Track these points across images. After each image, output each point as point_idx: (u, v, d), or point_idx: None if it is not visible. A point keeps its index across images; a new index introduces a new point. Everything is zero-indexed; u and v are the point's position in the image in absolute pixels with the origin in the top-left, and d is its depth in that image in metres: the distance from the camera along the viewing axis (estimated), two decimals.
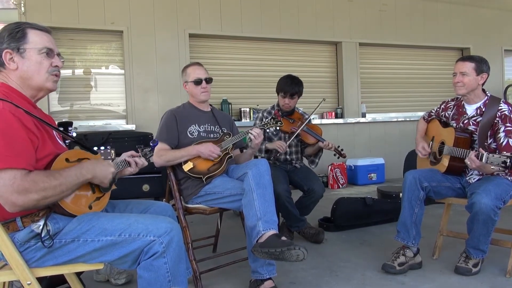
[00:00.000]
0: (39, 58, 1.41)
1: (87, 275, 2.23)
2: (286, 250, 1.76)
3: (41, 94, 1.48)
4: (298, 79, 3.09)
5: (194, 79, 2.40)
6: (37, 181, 1.25)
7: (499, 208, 2.09)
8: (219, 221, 2.74)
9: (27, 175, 1.24)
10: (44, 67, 1.42)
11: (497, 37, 6.97)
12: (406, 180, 2.38)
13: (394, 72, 6.44)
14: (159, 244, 1.35)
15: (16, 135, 1.25)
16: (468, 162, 2.13)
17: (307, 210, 2.99)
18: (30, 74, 1.41)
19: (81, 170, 1.38)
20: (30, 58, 1.40)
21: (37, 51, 1.41)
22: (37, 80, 1.42)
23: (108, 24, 4.71)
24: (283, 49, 5.74)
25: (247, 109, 5.36)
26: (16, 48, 1.38)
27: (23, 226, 1.33)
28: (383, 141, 6.18)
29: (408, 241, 2.35)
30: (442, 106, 2.66)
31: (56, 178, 1.29)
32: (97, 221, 1.39)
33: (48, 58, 1.44)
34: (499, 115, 2.29)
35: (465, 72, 2.35)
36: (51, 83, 1.46)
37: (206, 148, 2.25)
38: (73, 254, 1.37)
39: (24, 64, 1.40)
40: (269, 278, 2.05)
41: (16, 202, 1.23)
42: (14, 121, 1.26)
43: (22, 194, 1.22)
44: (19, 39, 1.39)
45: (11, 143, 1.23)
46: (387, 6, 6.22)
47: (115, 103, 4.92)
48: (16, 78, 1.41)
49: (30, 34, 1.41)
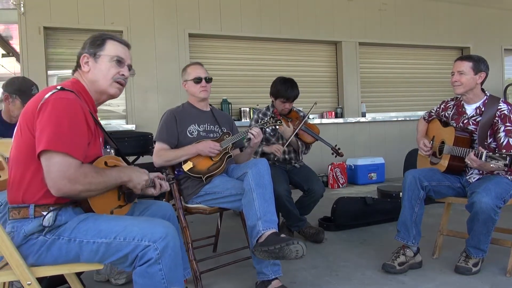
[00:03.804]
0: (109, 65, 1.54)
1: (87, 275, 2.23)
2: (285, 245, 1.76)
3: (103, 97, 1.60)
4: (294, 81, 3.07)
5: (194, 77, 2.40)
6: (87, 174, 1.34)
7: (499, 208, 2.09)
8: (219, 221, 2.74)
9: (80, 166, 1.34)
10: (111, 73, 1.54)
11: (497, 36, 6.97)
12: (406, 179, 2.38)
13: (394, 71, 6.44)
14: (154, 250, 1.33)
15: (80, 127, 1.37)
16: (468, 161, 2.14)
17: (307, 209, 2.99)
18: (98, 78, 1.54)
19: (120, 173, 1.48)
20: (101, 64, 1.54)
21: (109, 58, 1.54)
22: (101, 84, 1.54)
23: (108, 24, 4.71)
24: (283, 49, 5.73)
25: (247, 109, 5.36)
26: (93, 54, 1.54)
27: (34, 215, 1.35)
28: (383, 141, 6.18)
29: (408, 240, 2.35)
30: (442, 106, 2.66)
31: (101, 175, 1.39)
32: (94, 223, 1.39)
33: (117, 67, 1.56)
34: (499, 114, 2.29)
35: (462, 71, 2.35)
36: (114, 89, 1.57)
37: (206, 146, 2.25)
38: (70, 254, 1.37)
39: (95, 68, 1.54)
40: (275, 278, 2.04)
41: (63, 188, 1.30)
42: (81, 114, 1.38)
43: (71, 183, 1.30)
44: (97, 46, 1.54)
45: (75, 133, 1.34)
46: (387, 6, 6.22)
47: (115, 103, 4.92)
48: (87, 79, 1.55)
49: (108, 43, 1.56)
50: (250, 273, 2.29)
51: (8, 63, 7.39)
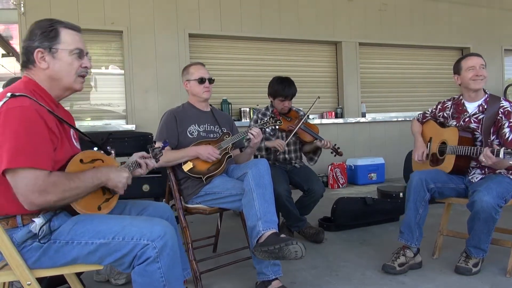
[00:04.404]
0: (70, 60, 1.41)
1: (87, 275, 2.23)
2: (284, 246, 1.76)
3: (67, 93, 1.49)
4: (290, 79, 3.10)
5: (197, 77, 2.41)
6: (58, 183, 1.27)
7: (500, 207, 2.09)
8: (219, 221, 2.74)
9: (48, 176, 1.26)
10: (74, 68, 1.43)
11: (497, 36, 6.96)
12: (412, 181, 2.34)
13: (394, 71, 6.44)
14: (152, 249, 1.33)
15: (40, 134, 1.26)
16: (483, 159, 2.09)
17: (307, 210, 2.99)
18: (60, 75, 1.41)
19: (97, 174, 1.40)
20: (62, 59, 1.40)
21: (68, 52, 1.41)
22: (66, 81, 1.43)
23: (108, 24, 4.71)
24: (283, 49, 5.73)
25: (247, 109, 5.36)
26: (48, 48, 1.38)
27: (23, 223, 1.32)
28: (383, 141, 6.18)
29: (411, 242, 2.34)
30: (439, 106, 2.65)
31: (74, 181, 1.31)
32: (91, 223, 1.37)
33: (79, 59, 1.44)
34: (502, 111, 2.30)
35: (484, 65, 2.38)
36: (79, 84, 1.47)
37: (205, 151, 2.25)
38: (69, 256, 1.36)
39: (55, 64, 1.40)
40: (276, 278, 2.04)
41: (35, 201, 1.25)
42: (38, 120, 1.26)
43: (42, 195, 1.24)
44: (52, 38, 1.38)
45: (35, 142, 1.24)
46: (387, 6, 6.21)
47: (115, 103, 4.92)
48: (44, 77, 1.41)
49: (63, 33, 1.41)
50: (250, 273, 2.29)
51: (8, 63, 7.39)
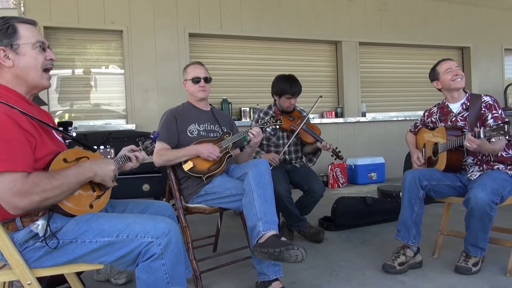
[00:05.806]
0: (34, 54, 1.37)
1: (87, 275, 2.23)
2: (285, 250, 1.76)
3: (35, 91, 1.45)
4: (294, 76, 3.09)
5: (192, 77, 2.41)
6: (38, 182, 1.24)
7: (495, 203, 2.09)
8: (219, 221, 2.74)
9: (27, 177, 1.23)
10: (39, 62, 1.39)
11: (497, 36, 6.96)
12: (406, 179, 2.38)
13: (394, 71, 6.44)
14: (157, 246, 1.34)
15: (12, 137, 1.23)
16: (467, 143, 2.11)
17: (307, 209, 2.99)
18: (27, 71, 1.37)
19: (80, 169, 1.37)
20: (25, 54, 1.36)
21: (31, 46, 1.37)
22: (33, 77, 1.39)
23: (108, 24, 4.71)
24: (283, 49, 5.73)
25: (247, 109, 5.36)
26: (9, 45, 1.34)
27: (23, 226, 1.32)
28: (383, 141, 6.18)
29: (408, 240, 2.35)
30: (426, 113, 2.75)
31: (56, 179, 1.28)
32: (95, 222, 1.38)
33: (43, 52, 1.41)
34: (485, 105, 2.38)
35: (458, 65, 2.53)
36: (46, 80, 1.43)
37: (206, 149, 2.24)
38: (72, 255, 1.36)
39: (20, 60, 1.35)
40: (276, 279, 2.04)
41: (17, 205, 1.22)
42: (9, 123, 1.23)
43: (23, 197, 1.22)
44: (10, 35, 1.34)
45: (7, 146, 1.21)
46: (387, 6, 6.22)
47: (115, 103, 4.93)
48: (10, 75, 1.37)
49: (21, 28, 1.36)
50: (250, 273, 2.29)
51: None
